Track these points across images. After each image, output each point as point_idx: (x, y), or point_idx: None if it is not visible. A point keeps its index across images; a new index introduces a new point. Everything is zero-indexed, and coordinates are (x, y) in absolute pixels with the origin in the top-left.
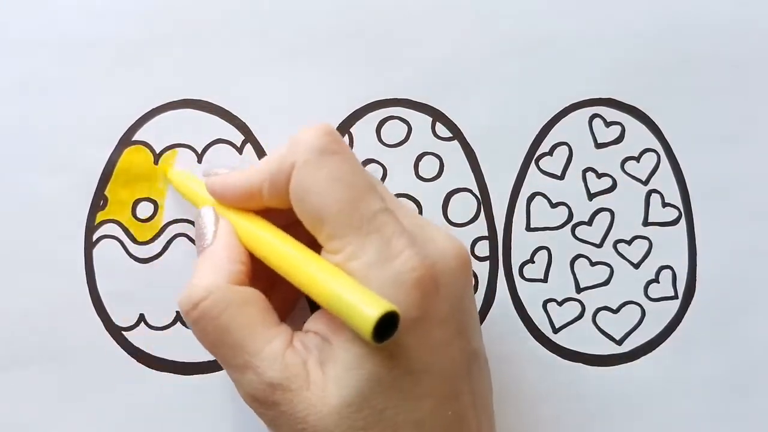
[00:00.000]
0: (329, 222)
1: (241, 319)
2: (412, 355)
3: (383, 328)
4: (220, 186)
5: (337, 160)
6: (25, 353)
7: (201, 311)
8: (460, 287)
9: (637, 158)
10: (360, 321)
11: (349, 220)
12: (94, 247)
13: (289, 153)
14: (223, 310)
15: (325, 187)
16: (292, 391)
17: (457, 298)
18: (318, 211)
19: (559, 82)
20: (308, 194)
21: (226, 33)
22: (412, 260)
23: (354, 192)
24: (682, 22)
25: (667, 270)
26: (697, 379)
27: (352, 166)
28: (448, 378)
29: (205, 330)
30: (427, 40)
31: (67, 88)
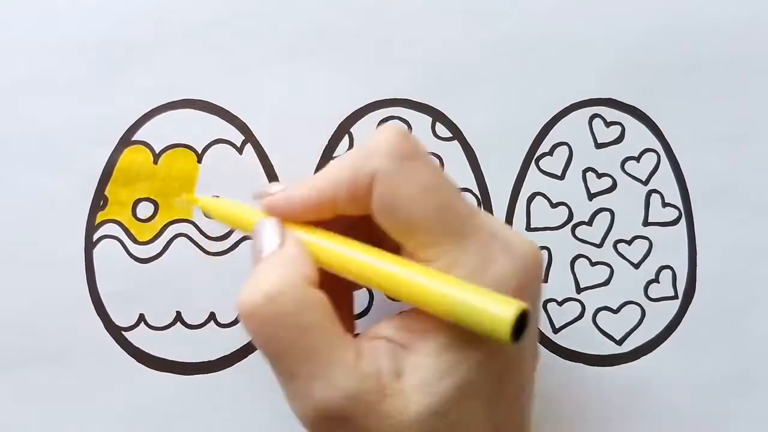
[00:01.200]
0: (423, 231)
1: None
2: (502, 362)
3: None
4: (284, 202)
5: (421, 166)
6: (25, 353)
7: (277, 309)
8: (539, 290)
9: (637, 158)
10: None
11: (446, 227)
12: (94, 247)
13: (367, 160)
14: (303, 309)
15: (415, 196)
16: (368, 403)
17: (536, 304)
18: (410, 220)
19: (559, 82)
20: (397, 205)
21: (225, 33)
22: (509, 266)
23: (444, 198)
24: (682, 22)
25: (667, 270)
26: (697, 379)
27: (437, 170)
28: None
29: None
30: (428, 40)
31: (68, 88)
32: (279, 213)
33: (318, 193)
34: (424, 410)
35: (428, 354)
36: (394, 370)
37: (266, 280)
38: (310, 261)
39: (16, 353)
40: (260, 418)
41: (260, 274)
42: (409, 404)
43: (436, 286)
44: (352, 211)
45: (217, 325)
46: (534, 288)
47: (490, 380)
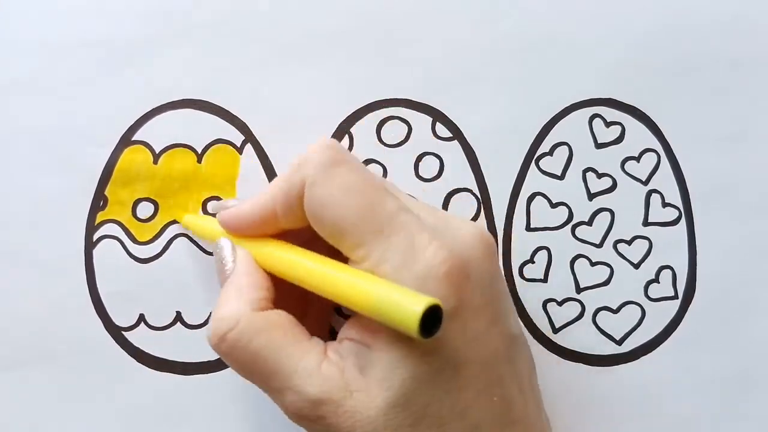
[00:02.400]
0: (349, 231)
1: (271, 343)
2: (451, 348)
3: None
4: (232, 217)
5: (346, 169)
6: (25, 353)
7: (230, 343)
8: (490, 272)
9: (637, 158)
10: (405, 318)
11: (370, 225)
12: (94, 247)
13: (298, 172)
14: (252, 337)
15: (339, 198)
16: (335, 402)
17: (488, 284)
18: (336, 223)
19: (559, 82)
20: (324, 208)
21: (226, 33)
22: (439, 254)
23: (368, 197)
24: (682, 22)
25: (667, 270)
26: (697, 379)
27: (361, 173)
28: (490, 365)
29: (237, 360)
30: (428, 40)
31: (67, 88)
32: (231, 228)
33: (260, 207)
34: (384, 403)
35: (382, 349)
36: (358, 367)
37: (220, 317)
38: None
39: (16, 353)
40: (260, 418)
41: (216, 311)
42: (373, 399)
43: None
44: (293, 223)
45: None
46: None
47: (442, 368)
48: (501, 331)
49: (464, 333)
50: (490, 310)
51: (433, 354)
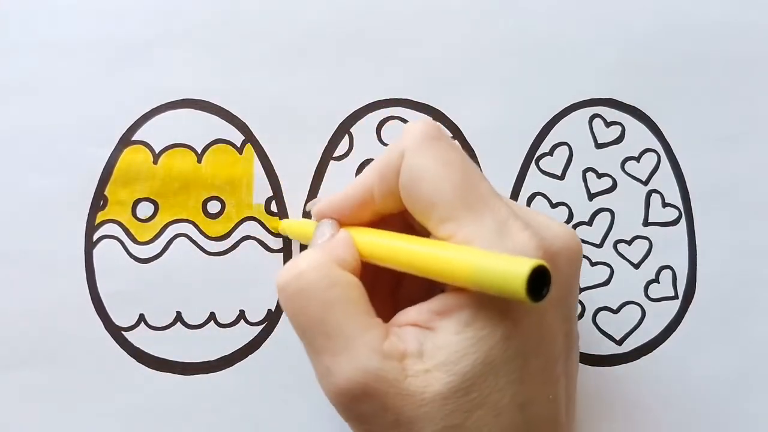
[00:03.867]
0: (442, 205)
1: (346, 300)
2: (525, 338)
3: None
4: (327, 206)
5: (445, 145)
6: (25, 353)
7: (303, 283)
8: (573, 272)
9: (637, 158)
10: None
11: (464, 201)
12: (94, 247)
13: (398, 145)
14: (328, 286)
15: (437, 169)
16: (388, 382)
17: (569, 282)
18: (430, 194)
19: (559, 82)
20: (420, 179)
21: (226, 33)
22: (532, 240)
23: (464, 174)
24: (682, 22)
25: (667, 270)
26: (697, 379)
27: (459, 151)
28: (552, 362)
29: (304, 305)
30: (428, 40)
31: (67, 88)
32: (327, 215)
33: (358, 189)
34: (445, 388)
35: (450, 333)
36: (418, 351)
37: (302, 258)
38: (350, 250)
39: (16, 353)
40: (260, 418)
41: (300, 256)
42: (432, 382)
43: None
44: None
45: (217, 325)
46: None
47: (513, 357)
48: (567, 332)
49: (540, 325)
50: (565, 307)
51: (509, 340)
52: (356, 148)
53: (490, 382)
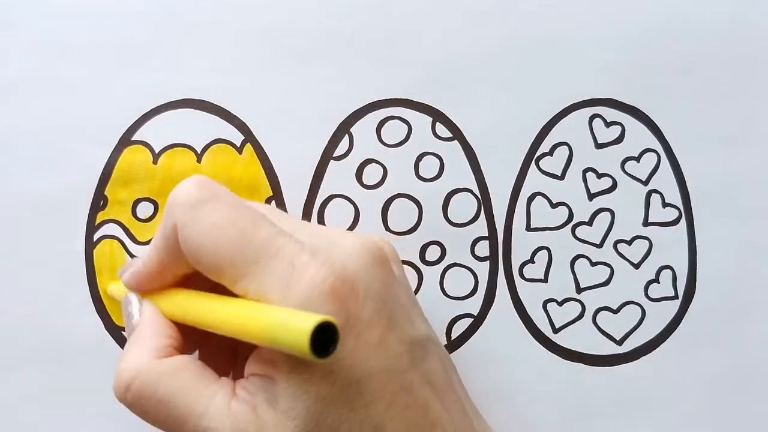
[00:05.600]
0: (227, 267)
1: (177, 388)
2: (350, 363)
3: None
4: (132, 278)
5: (213, 206)
6: (25, 353)
7: (134, 393)
8: (380, 281)
9: (637, 158)
10: (296, 340)
11: (245, 257)
12: (94, 247)
13: (168, 218)
14: (156, 385)
15: (210, 235)
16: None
17: (380, 293)
18: (212, 261)
19: (559, 82)
20: (198, 249)
21: (226, 33)
22: (321, 271)
23: (238, 229)
24: (681, 22)
25: (667, 270)
26: (697, 379)
27: (228, 205)
28: (393, 373)
29: (145, 409)
30: (427, 40)
31: (67, 88)
32: (134, 287)
33: (150, 261)
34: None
35: (284, 380)
36: (266, 400)
37: (123, 368)
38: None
39: (16, 353)
40: None
41: (120, 363)
42: (284, 430)
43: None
44: (185, 269)
45: None
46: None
47: (346, 386)
48: (401, 337)
49: (359, 346)
50: (384, 318)
51: (333, 373)
52: (356, 148)
53: (332, 416)
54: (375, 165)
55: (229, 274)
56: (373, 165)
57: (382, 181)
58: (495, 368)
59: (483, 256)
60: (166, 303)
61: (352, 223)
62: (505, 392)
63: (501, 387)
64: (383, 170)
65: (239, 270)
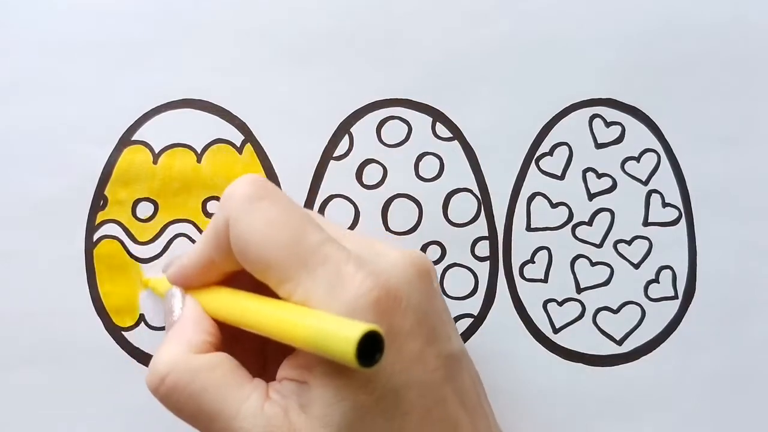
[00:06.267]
0: (274, 266)
1: (212, 385)
2: (389, 374)
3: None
4: (176, 272)
5: (267, 204)
6: (25, 353)
7: (168, 385)
8: (422, 294)
9: (637, 158)
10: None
11: (294, 259)
12: (94, 247)
13: (221, 212)
14: (191, 379)
15: (262, 233)
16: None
17: (421, 306)
18: (261, 259)
19: (559, 82)
20: (248, 246)
21: (226, 33)
22: (366, 282)
23: (291, 230)
24: (681, 22)
25: (667, 270)
26: (697, 379)
27: (283, 205)
28: (430, 387)
29: (178, 403)
30: (427, 40)
31: (67, 88)
32: (178, 282)
33: (197, 256)
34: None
35: (319, 385)
36: (299, 405)
37: (159, 360)
38: (204, 325)
39: (16, 353)
40: None
41: (156, 355)
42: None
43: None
44: (232, 265)
45: None
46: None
47: (383, 396)
48: (438, 351)
49: (400, 358)
50: (424, 331)
51: (372, 383)
52: (356, 148)
53: (367, 424)
54: (375, 165)
55: (276, 274)
56: (373, 165)
57: (382, 181)
58: (495, 368)
59: (483, 256)
60: (209, 300)
61: (352, 223)
62: (505, 392)
63: (501, 387)
64: (383, 170)
65: (286, 272)
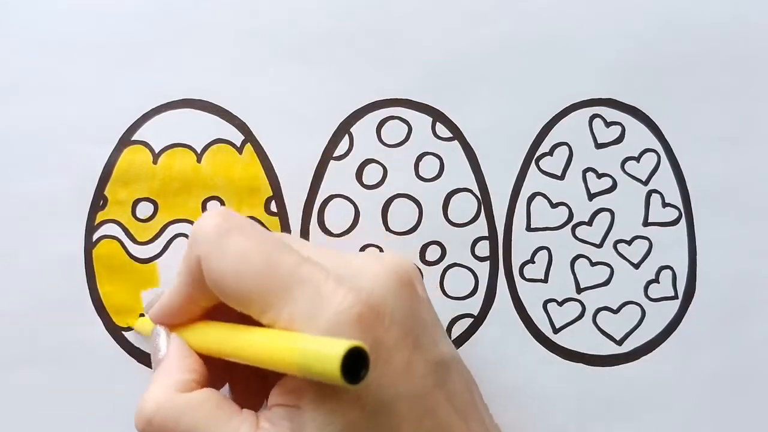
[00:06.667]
0: (253, 298)
1: (199, 422)
2: (377, 388)
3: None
4: (158, 312)
5: (236, 235)
6: (25, 353)
7: (156, 426)
8: (405, 303)
9: (637, 158)
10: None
11: (271, 287)
12: (94, 247)
13: (192, 250)
14: (178, 418)
15: (235, 265)
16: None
17: (405, 316)
18: (238, 292)
19: (559, 82)
20: (223, 280)
21: (226, 33)
22: (347, 298)
23: (264, 258)
24: (681, 22)
25: (667, 270)
26: (697, 379)
27: (252, 235)
28: (420, 396)
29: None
30: (427, 40)
31: (67, 88)
32: (161, 321)
33: (176, 294)
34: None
35: (310, 409)
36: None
37: (145, 400)
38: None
39: (16, 353)
40: None
41: (143, 396)
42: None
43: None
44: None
45: None
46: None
47: (376, 410)
48: (426, 358)
49: (388, 370)
50: (410, 341)
51: (362, 399)
52: (356, 148)
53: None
54: (375, 165)
55: (256, 304)
56: (373, 165)
57: (382, 181)
58: (495, 368)
59: (483, 256)
60: (194, 335)
61: (352, 223)
62: (505, 392)
63: (501, 387)
64: (383, 170)
65: (266, 300)
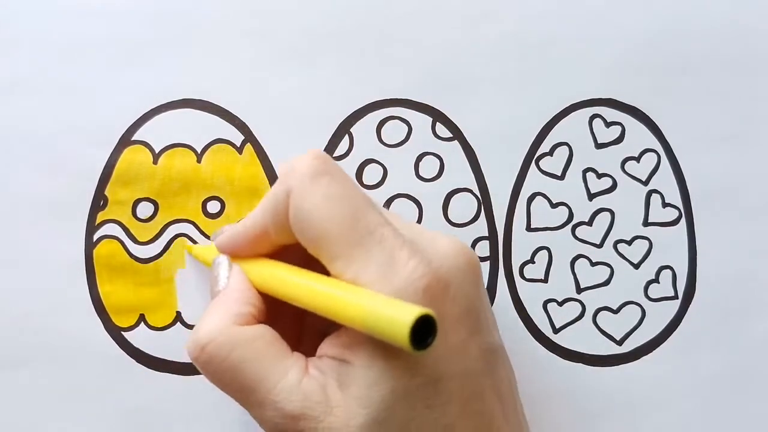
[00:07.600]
0: (330, 242)
1: (251, 357)
2: (432, 362)
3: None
4: (228, 240)
5: (329, 180)
6: (25, 353)
7: (208, 354)
8: (470, 285)
9: (637, 158)
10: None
11: (350, 237)
12: (94, 247)
13: (283, 183)
14: (231, 350)
15: (322, 207)
16: (314, 419)
17: (468, 297)
18: (318, 232)
19: (559, 82)
20: (307, 218)
21: (226, 33)
22: (418, 268)
23: (351, 209)
24: (681, 22)
25: (667, 270)
26: (697, 379)
27: (345, 184)
28: (470, 377)
29: (216, 373)
30: (428, 40)
31: (67, 88)
32: (227, 250)
33: (251, 225)
34: (364, 420)
35: (361, 365)
36: (338, 383)
37: (201, 329)
38: (248, 296)
39: (16, 353)
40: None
41: (200, 323)
42: (352, 416)
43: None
44: (285, 237)
45: None
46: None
47: (424, 383)
48: (481, 343)
49: (445, 346)
50: (469, 322)
51: (414, 368)
52: (356, 148)
53: (406, 410)
54: (375, 165)
55: (331, 250)
56: (373, 165)
57: (382, 181)
58: None
59: (483, 256)
60: (256, 271)
61: None
62: None
63: None
64: (383, 170)
65: (342, 248)
